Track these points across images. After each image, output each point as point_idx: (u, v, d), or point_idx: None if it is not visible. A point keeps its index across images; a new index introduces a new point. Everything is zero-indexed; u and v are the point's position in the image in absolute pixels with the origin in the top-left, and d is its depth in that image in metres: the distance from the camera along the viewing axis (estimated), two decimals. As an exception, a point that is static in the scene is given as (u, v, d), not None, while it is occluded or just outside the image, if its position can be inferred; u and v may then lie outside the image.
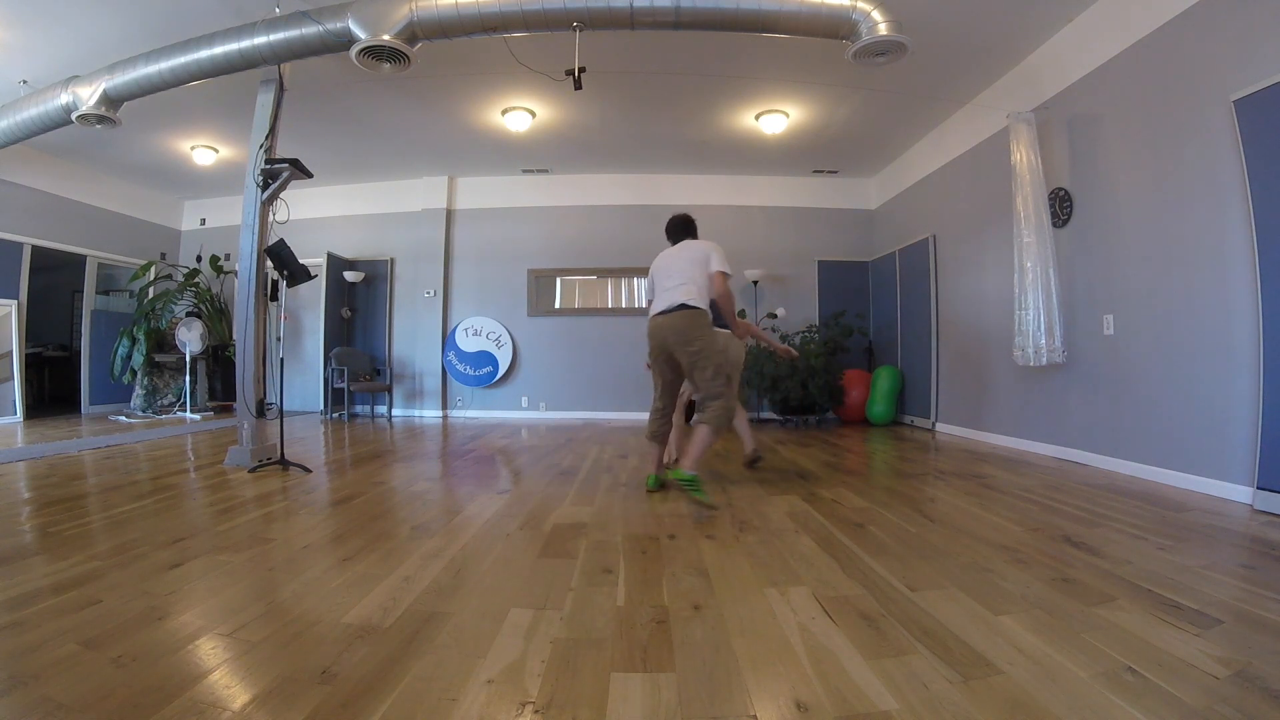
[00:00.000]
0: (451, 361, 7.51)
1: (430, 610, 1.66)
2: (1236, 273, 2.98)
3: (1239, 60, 2.95)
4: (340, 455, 4.58)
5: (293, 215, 4.11)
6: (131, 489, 3.20)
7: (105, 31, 4.12)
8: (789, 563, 2.07)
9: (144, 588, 1.80)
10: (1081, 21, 3.99)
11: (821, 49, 4.01)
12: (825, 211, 7.50)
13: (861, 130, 6.04)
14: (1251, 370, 2.89)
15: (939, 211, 5.95)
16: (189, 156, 6.52)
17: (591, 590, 1.82)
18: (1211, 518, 2.63)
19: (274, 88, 4.00)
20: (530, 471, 3.90)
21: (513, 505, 2.93)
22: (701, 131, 6.12)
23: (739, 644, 1.47)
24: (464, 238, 7.67)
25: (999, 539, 2.32)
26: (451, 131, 6.15)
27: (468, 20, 3.43)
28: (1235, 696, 1.21)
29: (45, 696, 1.20)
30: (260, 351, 3.96)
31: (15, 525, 2.49)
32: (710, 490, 3.26)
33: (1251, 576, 1.91)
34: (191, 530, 2.43)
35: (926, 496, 3.10)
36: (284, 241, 3.79)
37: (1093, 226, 3.96)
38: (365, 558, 2.11)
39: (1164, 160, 3.41)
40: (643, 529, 2.50)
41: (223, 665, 1.35)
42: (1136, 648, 1.42)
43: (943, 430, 5.81)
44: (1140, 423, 3.57)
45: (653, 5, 3.38)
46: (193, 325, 7.01)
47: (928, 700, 1.21)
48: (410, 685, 1.27)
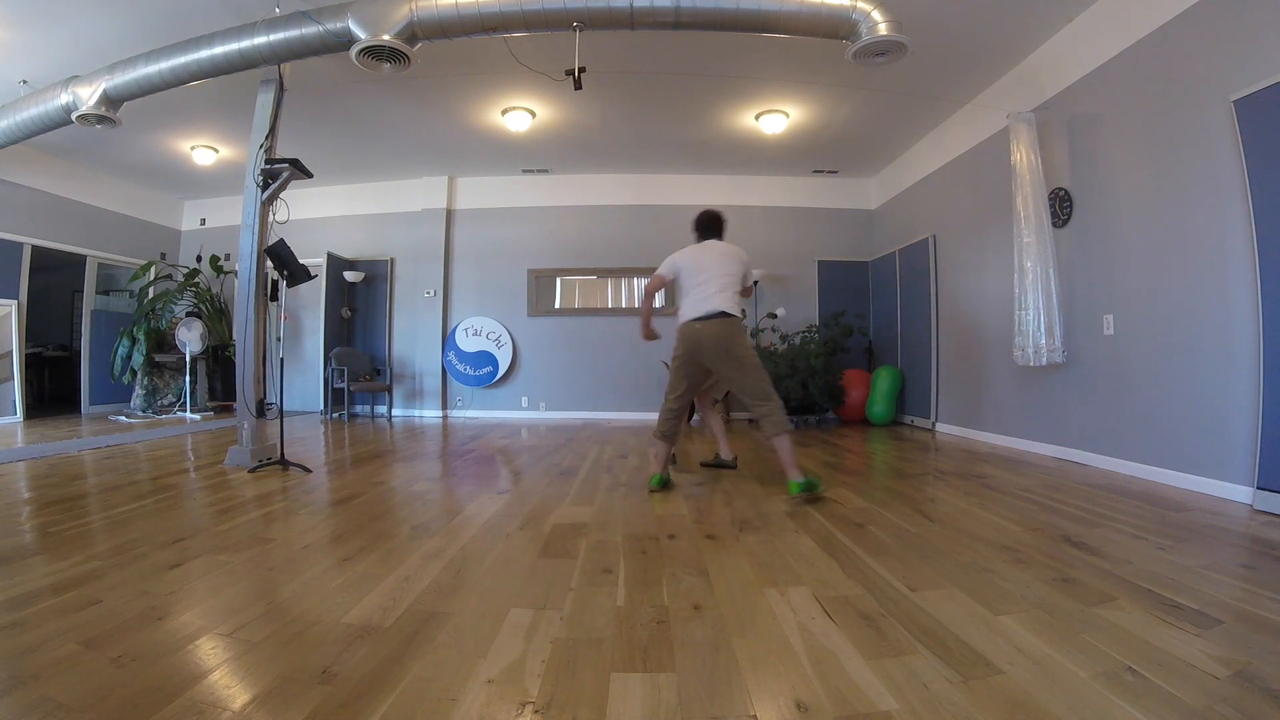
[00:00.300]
0: (451, 361, 7.51)
1: (430, 610, 1.66)
2: (1236, 273, 2.98)
3: (1239, 60, 2.95)
4: (340, 455, 4.58)
5: (293, 215, 4.11)
6: (131, 489, 3.20)
7: (105, 31, 4.12)
8: (789, 563, 2.07)
9: (144, 588, 1.80)
10: (1081, 22, 3.99)
11: (821, 49, 4.01)
12: (825, 211, 7.50)
13: (861, 130, 6.04)
14: (1251, 370, 2.89)
15: (939, 211, 5.95)
16: (189, 156, 6.52)
17: (591, 590, 1.82)
18: (1211, 518, 2.63)
19: (274, 88, 4.00)
20: (530, 471, 3.90)
21: (513, 505, 2.93)
22: (701, 131, 6.12)
23: (739, 644, 1.47)
24: (464, 238, 7.67)
25: (999, 539, 2.32)
26: (451, 131, 6.15)
27: (468, 20, 3.43)
28: (1235, 696, 1.21)
29: (45, 696, 1.20)
30: (260, 351, 3.96)
31: (15, 525, 2.49)
32: (710, 490, 3.27)
33: (1251, 576, 1.91)
34: (191, 530, 2.42)
35: (926, 496, 3.10)
36: (284, 241, 3.79)
37: (1093, 226, 3.96)
38: (365, 558, 2.11)
39: (1164, 160, 3.41)
40: (643, 529, 2.50)
41: (223, 665, 1.35)
42: (1136, 648, 1.42)
43: (943, 430, 5.81)
44: (1140, 423, 3.57)
45: (653, 5, 3.38)
46: (193, 325, 7.01)
47: (928, 700, 1.21)
48: (410, 685, 1.27)
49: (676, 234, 7.32)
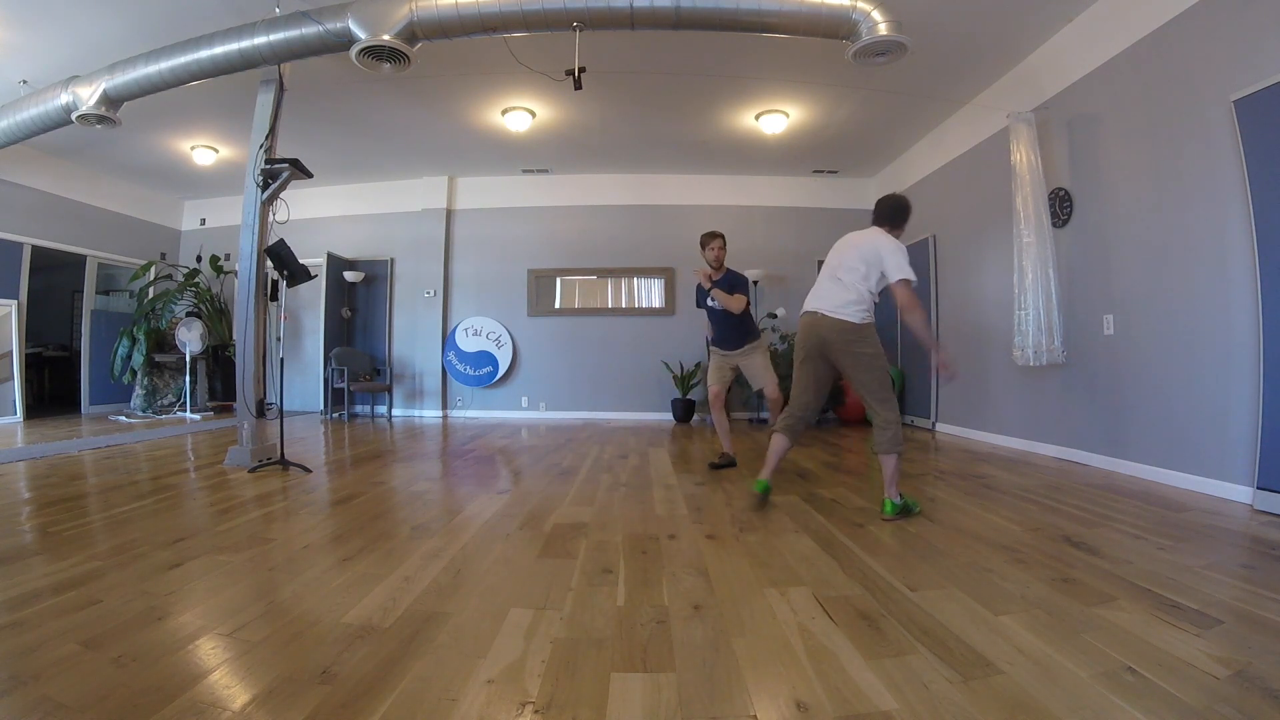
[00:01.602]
0: (451, 361, 7.51)
1: (430, 610, 1.66)
2: (1236, 273, 2.98)
3: (1239, 60, 2.95)
4: (340, 455, 4.58)
5: (293, 215, 4.10)
6: (131, 489, 3.20)
7: (105, 31, 4.12)
8: (789, 563, 2.07)
9: (144, 588, 1.79)
10: (1081, 22, 3.99)
11: (821, 49, 4.01)
12: (825, 211, 7.50)
13: (861, 130, 6.04)
14: (1251, 370, 2.88)
15: (939, 211, 5.95)
16: (189, 156, 6.52)
17: (591, 590, 1.82)
18: (1211, 518, 2.63)
19: (274, 88, 4.00)
20: (530, 471, 3.90)
21: (513, 505, 2.92)
22: (701, 131, 6.12)
23: (739, 644, 1.47)
24: (464, 238, 7.67)
25: (999, 539, 2.32)
26: (451, 131, 6.15)
27: (468, 20, 3.43)
28: (1235, 696, 1.21)
29: (45, 696, 1.20)
30: (260, 351, 3.95)
31: (15, 525, 2.49)
32: (710, 490, 3.27)
33: (1251, 576, 1.91)
34: (191, 530, 2.42)
35: (926, 496, 3.09)
36: (284, 241, 3.79)
37: (1093, 226, 3.95)
38: (365, 558, 2.11)
39: (1164, 160, 3.41)
40: (643, 529, 2.50)
41: (223, 665, 1.35)
42: (1136, 648, 1.42)
43: (943, 430, 5.80)
44: (1140, 423, 3.57)
45: (653, 5, 3.38)
46: (193, 325, 7.01)
47: (928, 700, 1.21)
48: (410, 685, 1.27)
49: (676, 234, 7.41)
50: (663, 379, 7.29)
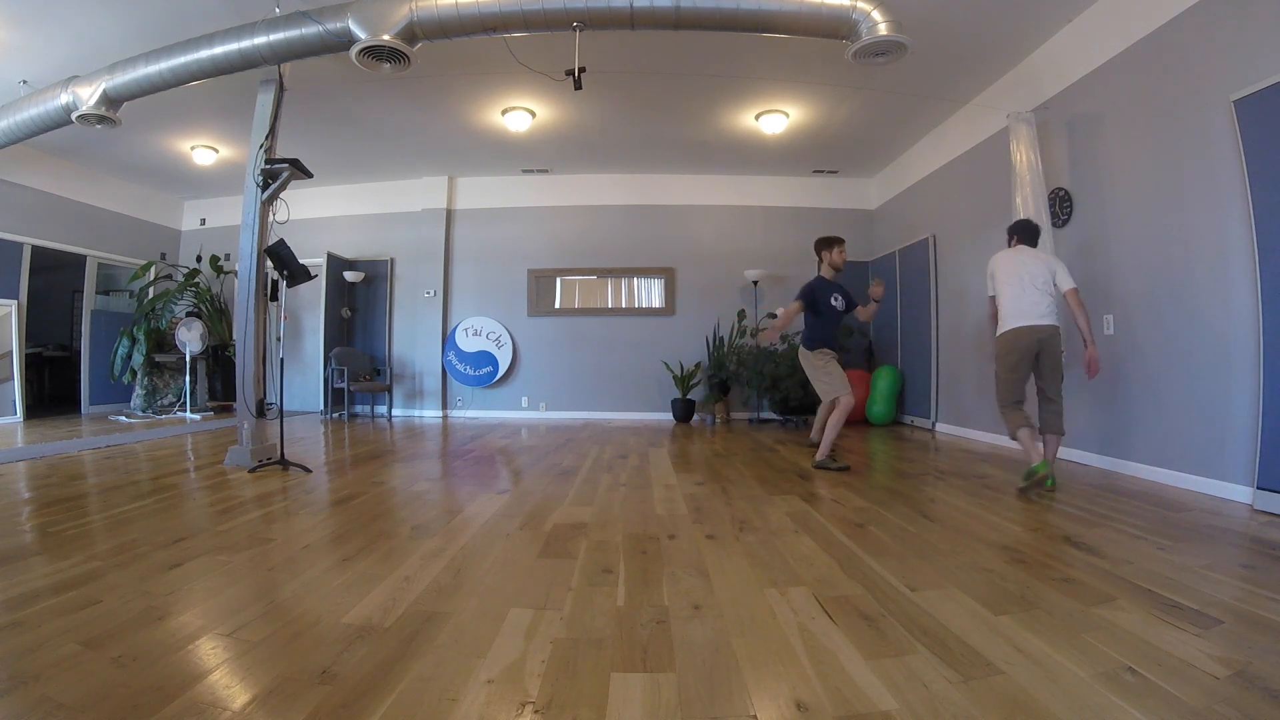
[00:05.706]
0: (451, 361, 7.51)
1: (430, 610, 1.66)
2: (1236, 273, 2.98)
3: (1239, 60, 2.95)
4: (340, 455, 4.58)
5: (293, 215, 4.10)
6: (131, 489, 3.20)
7: (105, 31, 4.12)
8: (789, 563, 2.07)
9: (144, 588, 1.79)
10: (1081, 22, 3.99)
11: (821, 49, 4.01)
12: (825, 211, 7.49)
13: (861, 130, 6.04)
14: (1251, 370, 2.88)
15: (939, 211, 5.95)
16: (189, 156, 6.52)
17: (591, 590, 1.82)
18: (1211, 518, 2.63)
19: (274, 88, 4.00)
20: (530, 471, 3.90)
21: (513, 505, 2.93)
22: (702, 132, 6.12)
23: (739, 644, 1.47)
24: (464, 237, 7.67)
25: (999, 539, 2.32)
26: (451, 131, 6.15)
27: (468, 20, 3.43)
28: (1235, 696, 1.21)
29: (45, 696, 1.20)
30: (260, 351, 3.95)
31: (15, 525, 2.49)
32: (710, 490, 3.27)
33: (1251, 576, 1.91)
34: (191, 530, 2.42)
35: (926, 496, 3.10)
36: (284, 241, 3.79)
37: (1093, 226, 3.95)
38: (365, 558, 2.11)
39: (1164, 160, 3.41)
40: (643, 529, 2.50)
41: (223, 665, 1.35)
42: (1136, 648, 1.42)
43: (942, 430, 5.80)
44: (1140, 423, 3.57)
45: (653, 5, 3.37)
46: (193, 325, 7.00)
47: (928, 700, 1.21)
48: (410, 685, 1.27)
49: (676, 234, 7.42)
50: (663, 379, 7.29)
